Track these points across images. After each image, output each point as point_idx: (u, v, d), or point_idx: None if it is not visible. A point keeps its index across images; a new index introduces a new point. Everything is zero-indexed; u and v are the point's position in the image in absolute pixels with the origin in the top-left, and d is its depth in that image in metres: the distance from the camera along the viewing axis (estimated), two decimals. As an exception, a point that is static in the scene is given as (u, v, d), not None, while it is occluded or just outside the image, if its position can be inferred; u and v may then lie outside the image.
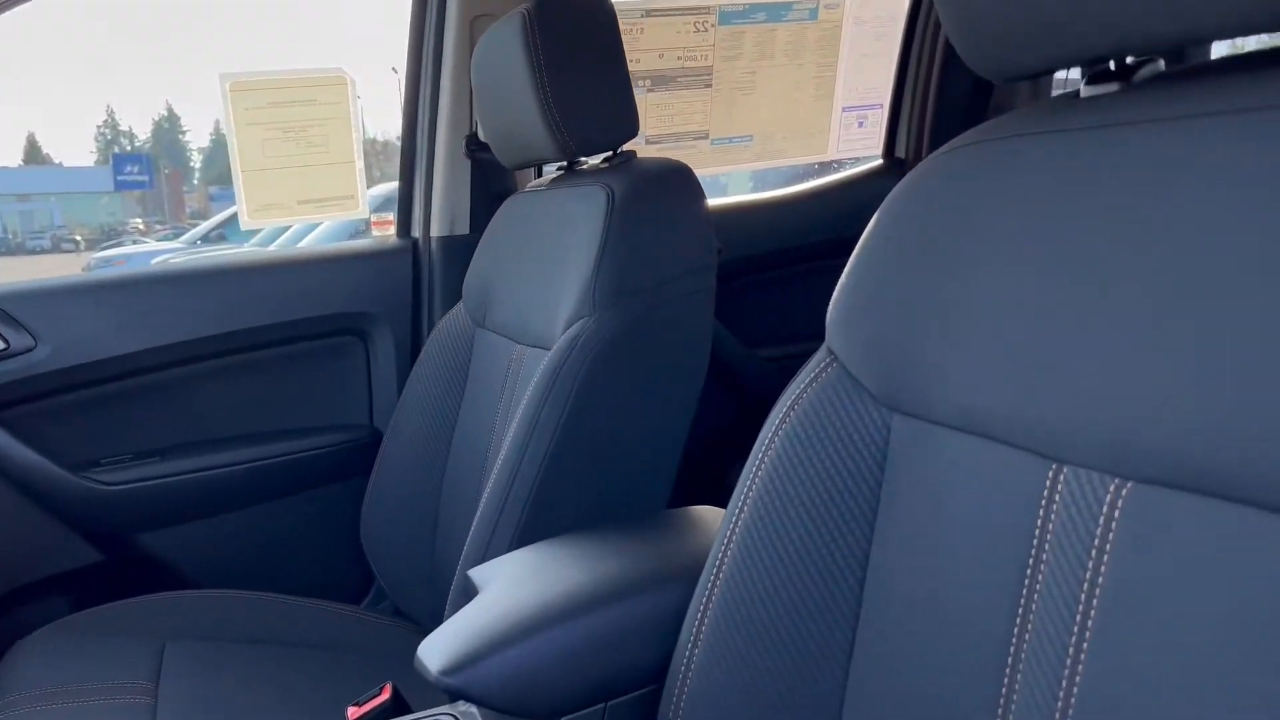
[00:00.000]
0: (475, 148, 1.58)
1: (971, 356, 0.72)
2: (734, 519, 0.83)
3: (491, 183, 1.61)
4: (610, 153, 1.26)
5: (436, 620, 1.39)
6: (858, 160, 1.94)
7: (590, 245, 1.14)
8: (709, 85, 1.71)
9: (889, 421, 0.78)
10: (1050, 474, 0.67)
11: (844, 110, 1.86)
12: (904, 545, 0.76)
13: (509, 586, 0.93)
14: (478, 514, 1.12)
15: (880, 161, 1.93)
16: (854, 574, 0.79)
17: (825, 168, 1.95)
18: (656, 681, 0.88)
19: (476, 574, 0.98)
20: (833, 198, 1.89)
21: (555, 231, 1.26)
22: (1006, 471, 0.69)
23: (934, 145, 1.88)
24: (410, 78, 1.61)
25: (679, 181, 1.18)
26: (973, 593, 0.70)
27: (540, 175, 1.61)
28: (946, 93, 1.86)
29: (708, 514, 1.03)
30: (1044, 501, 0.67)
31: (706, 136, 1.72)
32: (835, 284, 0.83)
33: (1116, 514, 0.62)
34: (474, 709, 0.99)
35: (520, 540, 1.07)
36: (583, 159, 1.34)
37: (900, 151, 1.91)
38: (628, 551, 0.97)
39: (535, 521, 1.08)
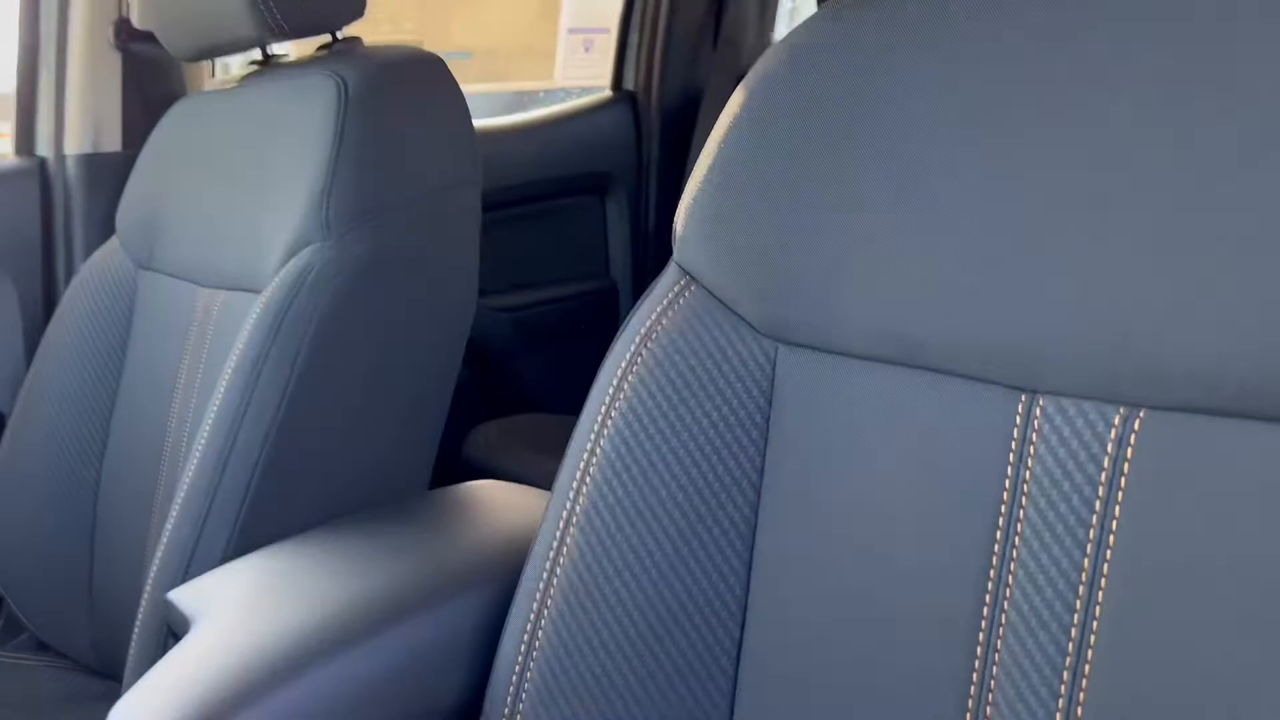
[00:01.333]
0: (128, 36, 1.23)
1: (891, 266, 0.56)
2: (571, 496, 0.62)
3: (151, 83, 1.28)
4: (330, 37, 0.98)
5: (104, 659, 1.07)
6: (584, 91, 1.77)
7: (317, 152, 0.87)
8: (422, -13, 1.45)
9: (773, 356, 0.61)
10: (1021, 407, 0.52)
11: (570, 32, 1.67)
12: (806, 514, 0.59)
13: (239, 615, 0.66)
14: (173, 515, 0.82)
15: (609, 93, 1.76)
16: (739, 556, 0.61)
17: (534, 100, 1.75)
18: (467, 714, 0.65)
19: (182, 598, 0.70)
20: (557, 132, 1.70)
21: (258, 139, 0.97)
22: (955, 409, 0.54)
23: (665, 78, 1.74)
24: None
25: (431, 73, 0.93)
26: (910, 564, 0.54)
27: (215, 75, 1.30)
28: (678, 19, 1.72)
29: (498, 491, 0.81)
30: (1015, 442, 0.52)
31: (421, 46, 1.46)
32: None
33: (1129, 449, 0.48)
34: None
35: (239, 547, 0.79)
36: (283, 53, 1.06)
37: (629, 83, 1.75)
38: (403, 548, 0.73)
39: (258, 519, 0.81)
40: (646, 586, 0.61)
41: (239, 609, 0.67)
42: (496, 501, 0.79)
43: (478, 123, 0.97)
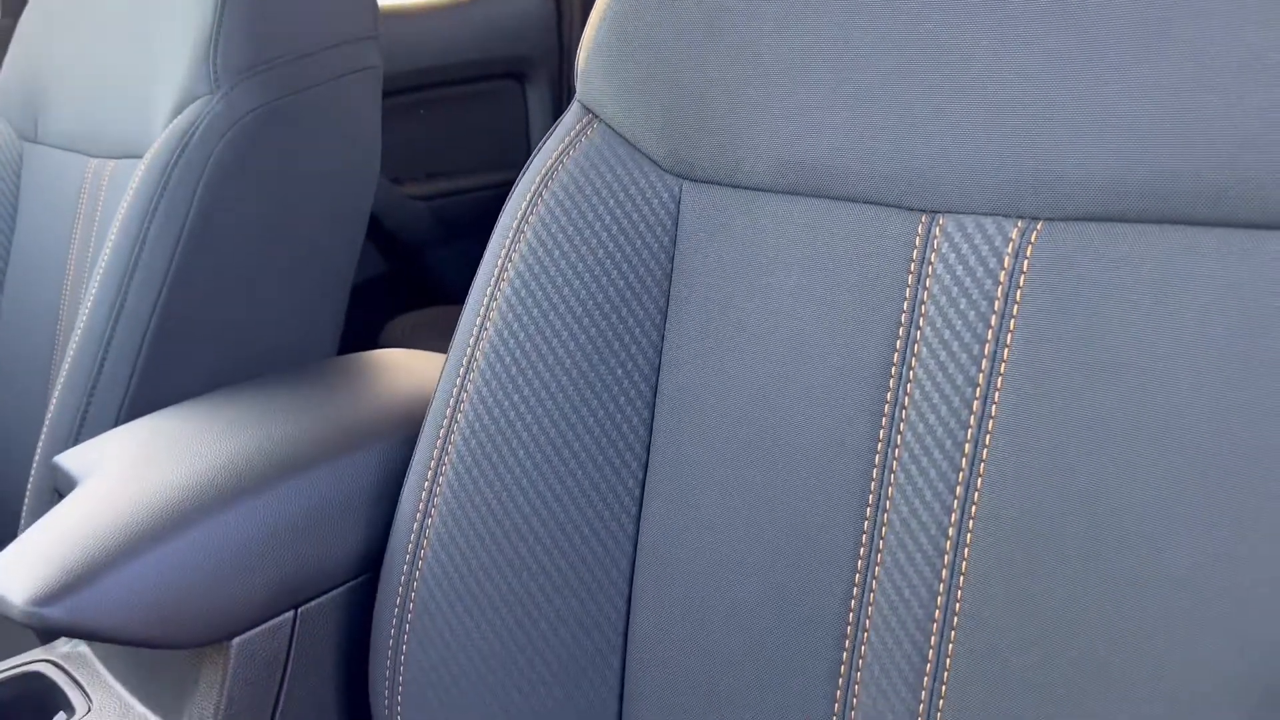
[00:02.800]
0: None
1: (795, 97, 0.54)
2: (471, 341, 0.60)
3: (29, -53, 1.18)
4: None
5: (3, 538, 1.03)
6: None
7: (204, 1, 0.82)
8: None
9: (678, 193, 0.59)
10: (921, 228, 0.51)
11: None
12: (708, 351, 0.57)
13: (124, 471, 0.63)
14: (58, 386, 0.79)
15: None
16: (641, 397, 0.60)
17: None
18: (364, 571, 0.64)
19: (69, 460, 0.67)
20: (472, 12, 1.63)
21: (139, -7, 0.91)
22: (856, 233, 0.53)
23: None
24: None
25: (323, -81, 0.88)
26: (809, 392, 0.53)
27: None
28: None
29: (402, 356, 0.79)
30: (914, 263, 0.51)
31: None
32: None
33: (1025, 261, 0.48)
34: (84, 648, 0.69)
35: (130, 415, 0.76)
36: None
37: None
38: (303, 407, 0.70)
39: (151, 386, 0.77)
40: (549, 428, 0.59)
41: (125, 466, 0.64)
42: (400, 365, 0.77)
43: (385, 3, 0.92)
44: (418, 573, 0.59)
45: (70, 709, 0.65)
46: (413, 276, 1.59)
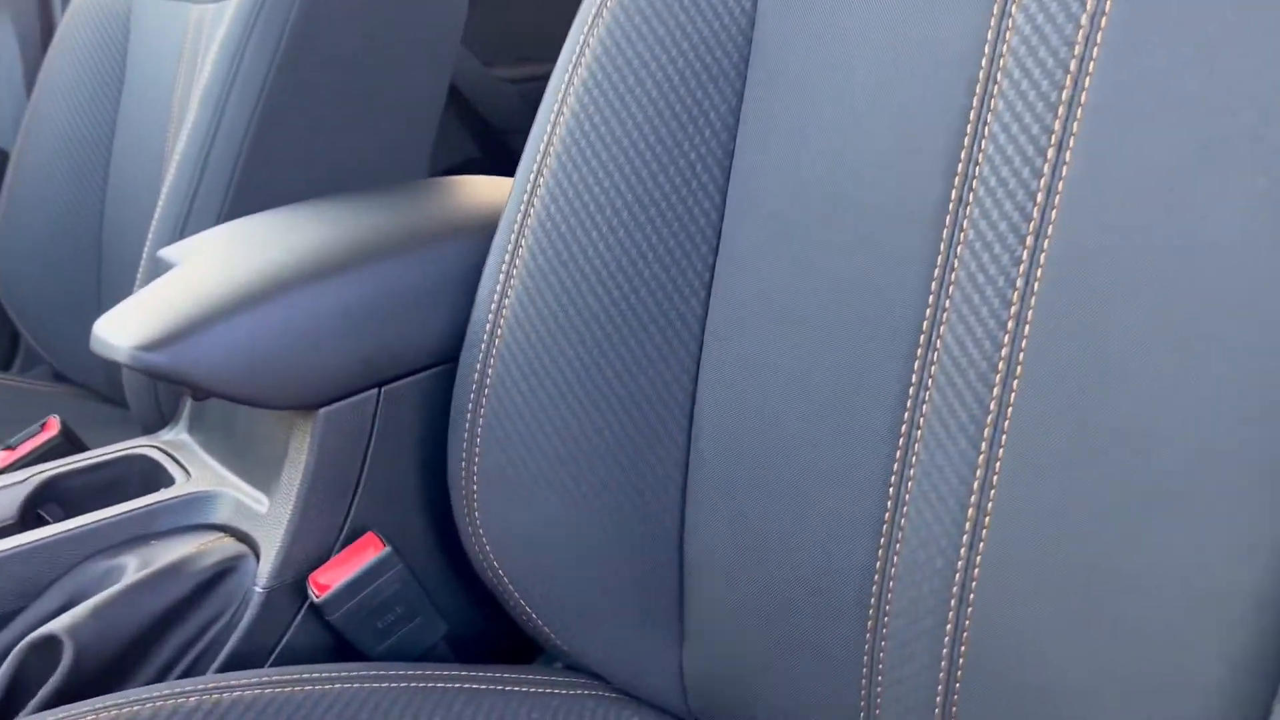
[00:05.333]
0: None
1: None
2: (548, 125, 0.61)
3: None
4: None
5: (117, 385, 1.09)
6: None
7: None
8: None
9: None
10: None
11: None
12: (784, 127, 0.58)
13: (223, 251, 0.67)
14: (165, 186, 0.83)
15: None
16: (715, 184, 0.60)
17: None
18: (446, 359, 0.66)
19: (171, 252, 0.71)
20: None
21: None
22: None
23: None
24: None
25: None
26: (886, 155, 0.53)
27: None
28: None
29: (488, 179, 0.81)
30: (994, 17, 0.50)
31: None
32: None
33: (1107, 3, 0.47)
34: (185, 435, 0.73)
35: (230, 218, 0.79)
36: None
37: None
38: (387, 207, 0.73)
39: (248, 192, 0.81)
40: (621, 210, 0.60)
41: (223, 248, 0.67)
42: (486, 181, 0.79)
43: None
44: (494, 351, 0.62)
45: (171, 481, 0.69)
46: (501, 161, 1.61)
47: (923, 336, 0.52)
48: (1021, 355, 0.49)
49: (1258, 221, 0.43)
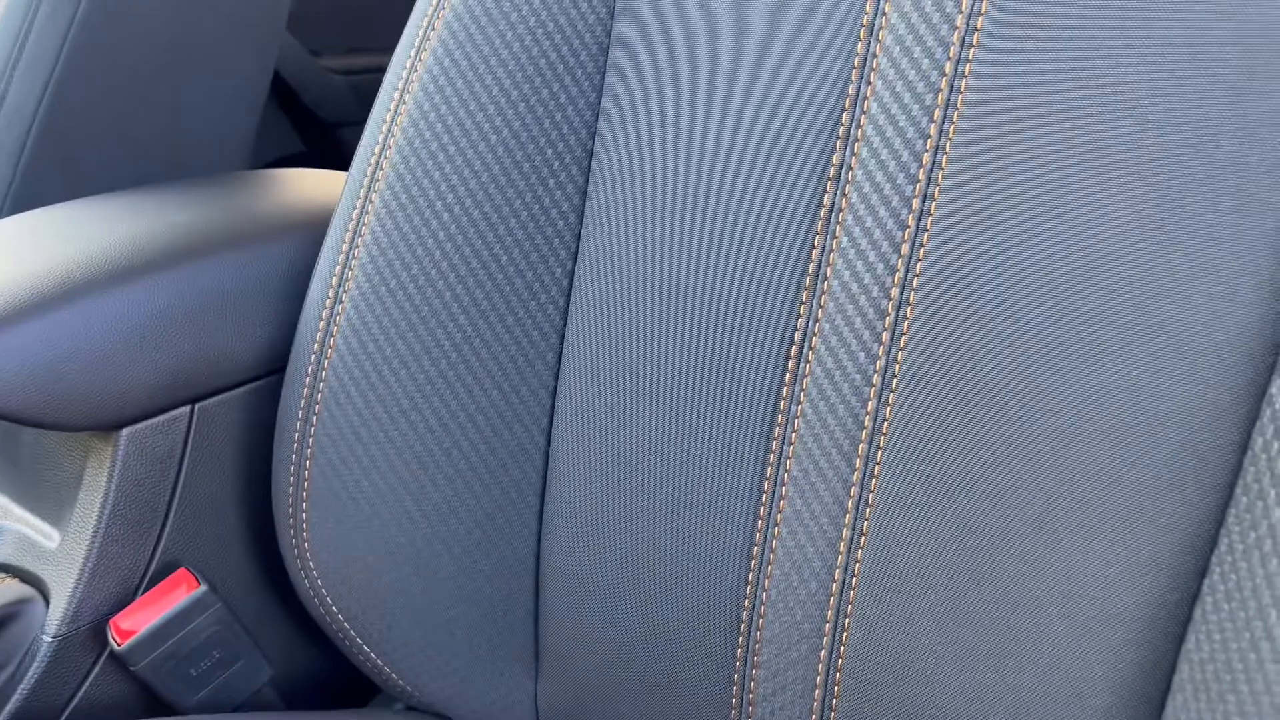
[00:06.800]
0: None
1: None
2: (389, 113, 0.56)
3: None
4: None
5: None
6: None
7: None
8: None
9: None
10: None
11: None
12: (647, 119, 0.54)
13: (8, 251, 0.58)
14: None
15: None
16: (572, 181, 0.56)
17: None
18: (269, 372, 0.59)
19: (-59, 248, 0.61)
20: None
21: None
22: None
23: None
24: None
25: None
26: (757, 150, 0.50)
27: None
28: None
29: (317, 172, 0.74)
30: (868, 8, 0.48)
31: None
32: None
33: None
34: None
35: (14, 211, 0.70)
36: None
37: None
38: (202, 201, 0.65)
39: (37, 181, 0.71)
40: (471, 208, 0.55)
41: (3, 246, 0.58)
42: (314, 175, 0.72)
43: None
44: (326, 361, 0.55)
45: (-61, 514, 0.60)
46: (329, 156, 1.52)
47: (793, 348, 0.49)
48: (898, 367, 0.47)
49: (1138, 228, 0.42)
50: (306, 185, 0.69)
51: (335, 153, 1.54)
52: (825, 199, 0.48)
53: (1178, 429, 0.40)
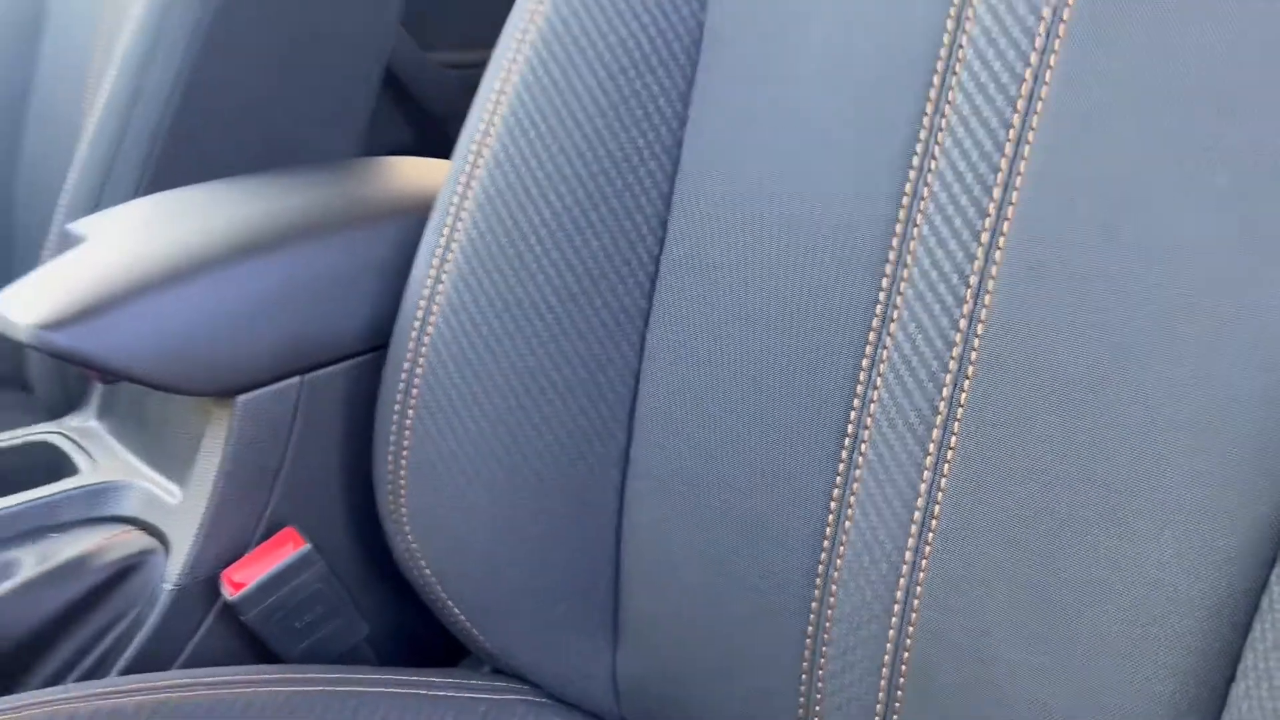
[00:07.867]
0: None
1: None
2: (490, 104, 0.59)
3: None
4: None
5: (16, 366, 1.03)
6: None
7: None
8: None
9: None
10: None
11: None
12: (734, 118, 0.56)
13: (137, 227, 0.63)
14: (77, 163, 0.78)
15: None
16: (663, 171, 0.58)
17: None
18: (373, 347, 0.63)
19: (81, 225, 0.66)
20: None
21: None
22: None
23: None
24: None
25: None
26: (841, 152, 0.51)
27: None
28: None
29: (424, 161, 0.77)
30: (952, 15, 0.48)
31: None
32: None
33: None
34: (93, 422, 0.69)
35: (149, 193, 0.75)
36: None
37: None
38: (315, 185, 0.69)
39: (169, 167, 0.77)
40: (565, 195, 0.58)
41: (138, 224, 0.63)
42: (422, 162, 0.75)
43: None
44: (426, 338, 0.59)
45: (75, 470, 0.65)
46: (437, 147, 1.57)
47: (872, 334, 0.50)
48: (974, 355, 0.47)
49: (1219, 219, 0.42)
50: (412, 172, 0.72)
51: (443, 144, 1.59)
52: (908, 187, 0.49)
53: (1252, 420, 0.40)
